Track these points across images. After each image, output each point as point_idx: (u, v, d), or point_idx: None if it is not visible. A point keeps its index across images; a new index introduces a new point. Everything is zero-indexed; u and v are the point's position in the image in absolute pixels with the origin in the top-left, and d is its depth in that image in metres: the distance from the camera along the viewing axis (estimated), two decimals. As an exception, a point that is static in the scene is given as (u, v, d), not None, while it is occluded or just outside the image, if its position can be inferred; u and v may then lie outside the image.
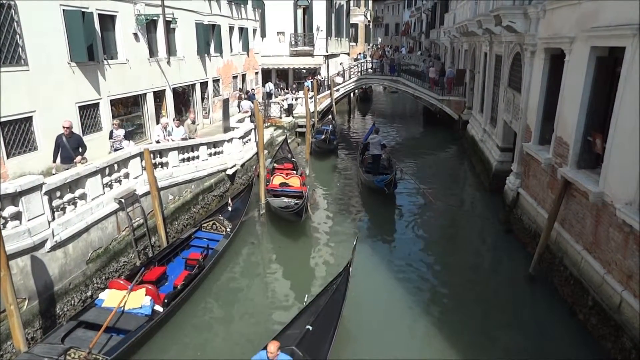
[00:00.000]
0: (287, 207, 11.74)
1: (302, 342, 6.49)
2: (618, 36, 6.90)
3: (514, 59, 13.19)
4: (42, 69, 10.53)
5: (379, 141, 15.58)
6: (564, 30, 8.96)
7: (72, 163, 9.31)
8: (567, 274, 8.29)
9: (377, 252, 10.73)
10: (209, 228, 10.81)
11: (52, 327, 7.22)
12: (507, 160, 13.59)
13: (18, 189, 6.69)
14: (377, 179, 13.87)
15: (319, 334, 6.60)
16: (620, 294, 6.61)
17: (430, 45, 43.77)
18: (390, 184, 13.11)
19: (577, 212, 8.19)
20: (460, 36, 23.07)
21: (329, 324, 6.81)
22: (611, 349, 6.70)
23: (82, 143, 9.79)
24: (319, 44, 28.13)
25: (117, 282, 7.78)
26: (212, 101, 20.05)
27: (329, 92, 26.30)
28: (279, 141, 19.22)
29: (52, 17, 10.79)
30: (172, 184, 11.16)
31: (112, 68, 13.06)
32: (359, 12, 45.40)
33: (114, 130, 11.61)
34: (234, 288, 9.39)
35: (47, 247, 7.23)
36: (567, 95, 8.78)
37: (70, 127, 9.51)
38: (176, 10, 16.27)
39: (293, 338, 6.52)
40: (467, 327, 7.95)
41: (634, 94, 6.40)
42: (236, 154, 14.23)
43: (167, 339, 7.61)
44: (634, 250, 6.32)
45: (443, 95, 23.87)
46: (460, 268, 10.11)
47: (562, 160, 8.87)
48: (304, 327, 6.68)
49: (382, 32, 67.78)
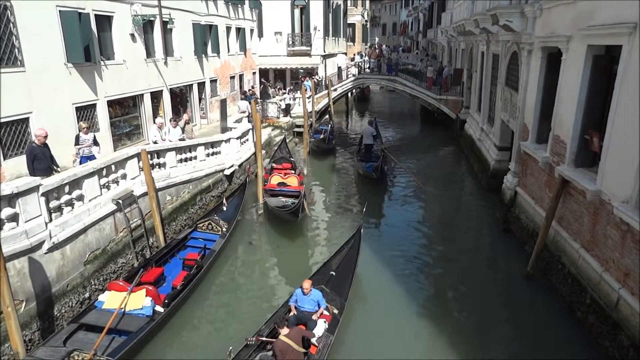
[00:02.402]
0: (284, 207, 11.75)
1: (328, 283, 8.30)
2: (614, 34, 6.92)
3: (511, 58, 13.21)
4: (39, 70, 10.50)
5: (371, 132, 17.15)
6: (560, 29, 8.98)
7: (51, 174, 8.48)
8: (565, 272, 8.31)
9: (376, 250, 10.73)
10: (204, 228, 10.80)
11: (50, 329, 7.20)
12: (504, 159, 13.61)
13: (15, 190, 6.66)
14: (366, 166, 15.67)
15: (340, 278, 8.44)
16: (617, 292, 6.63)
17: (427, 44, 43.85)
18: (377, 170, 14.65)
19: (574, 210, 8.20)
20: (457, 35, 23.10)
21: (348, 272, 8.60)
22: (609, 346, 6.72)
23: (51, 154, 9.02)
24: (317, 43, 28.11)
25: (117, 284, 7.77)
26: (210, 101, 20.03)
27: (327, 92, 26.29)
28: (277, 141, 19.23)
29: (48, 17, 10.76)
30: (169, 184, 11.14)
31: (109, 69, 13.03)
32: (356, 11, 45.38)
33: (81, 135, 10.11)
34: (233, 287, 9.39)
35: (44, 249, 7.20)
36: (564, 94, 8.79)
37: (46, 136, 8.78)
38: (173, 10, 16.25)
39: (321, 280, 8.26)
40: (465, 325, 7.97)
41: (631, 92, 6.42)
42: (234, 154, 14.22)
43: (169, 339, 7.62)
44: (631, 248, 6.34)
45: (440, 95, 23.90)
46: (458, 266, 10.12)
47: (559, 158, 8.89)
48: (329, 272, 8.56)
49: (380, 32, 67.81)
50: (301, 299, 7.29)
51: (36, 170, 8.46)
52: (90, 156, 9.89)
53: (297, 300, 7.35)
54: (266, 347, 6.77)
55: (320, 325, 7.01)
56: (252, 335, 6.76)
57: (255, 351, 6.69)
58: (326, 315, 7.34)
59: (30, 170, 8.56)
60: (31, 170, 8.54)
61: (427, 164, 19.21)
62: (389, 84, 27.21)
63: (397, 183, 16.31)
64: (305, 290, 7.15)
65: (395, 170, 17.19)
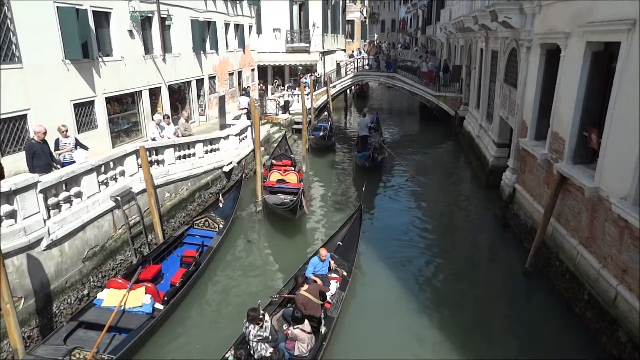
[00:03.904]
0: (282, 204, 11.75)
1: (336, 250, 9.47)
2: (613, 31, 6.91)
3: (510, 55, 13.19)
4: (36, 67, 10.47)
5: (367, 123, 17.69)
6: (559, 26, 8.96)
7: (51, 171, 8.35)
8: (563, 269, 8.33)
9: (374, 249, 10.73)
10: (201, 225, 10.80)
11: (49, 326, 7.21)
12: (503, 156, 13.61)
13: (13, 187, 6.65)
14: (359, 155, 16.58)
15: (347, 247, 9.68)
16: (615, 288, 6.65)
17: (426, 41, 43.72)
18: (369, 158, 15.55)
19: (573, 207, 8.22)
20: (456, 32, 23.06)
21: (352, 242, 9.85)
22: (606, 342, 6.74)
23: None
24: (315, 40, 28.05)
25: (115, 282, 7.78)
26: (208, 98, 19.99)
27: (326, 89, 26.26)
28: (276, 138, 19.20)
29: (46, 14, 10.71)
30: (168, 181, 11.13)
31: (107, 65, 12.99)
32: (355, 8, 45.30)
33: (61, 139, 9.34)
34: (231, 284, 9.40)
35: (42, 246, 7.20)
36: (563, 91, 8.79)
37: (45, 133, 8.60)
38: (171, 6, 16.19)
39: (330, 248, 9.20)
40: (463, 322, 7.97)
41: (630, 89, 6.42)
42: (232, 151, 14.21)
43: (169, 336, 7.63)
44: (629, 244, 6.35)
45: (439, 92, 23.89)
46: (457, 263, 10.14)
47: (558, 155, 8.89)
48: (337, 243, 9.82)
49: (378, 29, 67.74)
50: (318, 265, 8.18)
51: (35, 167, 8.40)
52: (71, 162, 9.10)
53: (314, 267, 8.16)
54: (287, 305, 7.83)
55: (333, 285, 8.20)
56: (275, 294, 7.88)
57: (279, 307, 7.77)
58: (337, 277, 8.53)
59: (30, 167, 8.47)
60: (30, 167, 8.46)
61: (426, 160, 19.23)
62: (388, 80, 27.19)
63: (396, 180, 16.31)
64: (322, 257, 8.16)
65: (394, 163, 17.41)
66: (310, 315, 6.78)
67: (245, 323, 6.32)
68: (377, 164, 16.01)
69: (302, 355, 6.42)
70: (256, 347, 6.24)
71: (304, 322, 6.55)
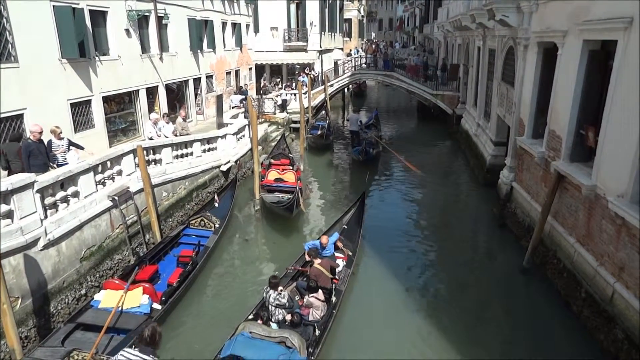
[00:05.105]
0: (279, 202, 11.74)
1: (342, 232, 10.28)
2: (610, 30, 6.92)
3: (507, 53, 13.21)
4: (33, 66, 10.41)
5: (357, 119, 18.61)
6: (556, 24, 8.97)
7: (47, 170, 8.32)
8: (560, 267, 8.36)
9: (372, 246, 10.74)
10: (197, 225, 10.77)
11: (47, 326, 7.19)
12: (500, 155, 13.64)
13: (9, 187, 6.63)
14: (353, 150, 17.37)
15: (351, 230, 10.55)
16: (612, 286, 6.67)
17: (424, 40, 43.76)
18: (362, 152, 16.12)
19: (570, 205, 8.24)
20: (453, 30, 23.06)
21: (356, 225, 10.71)
22: (604, 340, 6.77)
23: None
24: (313, 39, 28.00)
25: (112, 282, 7.75)
26: (206, 97, 19.95)
27: (323, 88, 26.23)
28: (273, 137, 19.18)
29: (42, 13, 10.66)
30: (165, 180, 11.11)
31: (104, 64, 12.94)
32: (352, 7, 45.20)
33: (54, 140, 9.14)
34: (228, 283, 9.39)
35: (39, 246, 7.18)
36: (560, 89, 8.81)
37: (41, 132, 8.51)
38: (168, 5, 16.14)
39: (336, 231, 10.13)
40: (460, 319, 7.99)
41: (626, 87, 6.43)
42: (230, 150, 14.19)
43: (167, 335, 7.50)
44: (626, 242, 6.37)
45: (437, 90, 23.90)
46: (454, 262, 10.14)
47: (555, 153, 8.91)
48: (342, 226, 10.64)
49: (376, 27, 67.69)
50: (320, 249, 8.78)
51: (32, 166, 8.33)
52: (64, 164, 8.96)
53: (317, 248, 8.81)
54: (298, 278, 8.63)
55: (340, 263, 9.09)
56: (290, 265, 8.89)
57: (292, 279, 8.61)
58: (343, 256, 9.42)
59: (26, 166, 8.40)
60: (27, 166, 8.38)
61: (423, 159, 19.16)
62: (385, 79, 27.17)
63: (394, 178, 16.34)
64: (324, 244, 8.82)
65: (392, 162, 17.44)
66: (322, 287, 7.68)
67: (266, 288, 7.23)
68: (370, 157, 16.37)
69: (316, 320, 7.29)
70: (274, 311, 7.14)
71: (318, 291, 7.49)
